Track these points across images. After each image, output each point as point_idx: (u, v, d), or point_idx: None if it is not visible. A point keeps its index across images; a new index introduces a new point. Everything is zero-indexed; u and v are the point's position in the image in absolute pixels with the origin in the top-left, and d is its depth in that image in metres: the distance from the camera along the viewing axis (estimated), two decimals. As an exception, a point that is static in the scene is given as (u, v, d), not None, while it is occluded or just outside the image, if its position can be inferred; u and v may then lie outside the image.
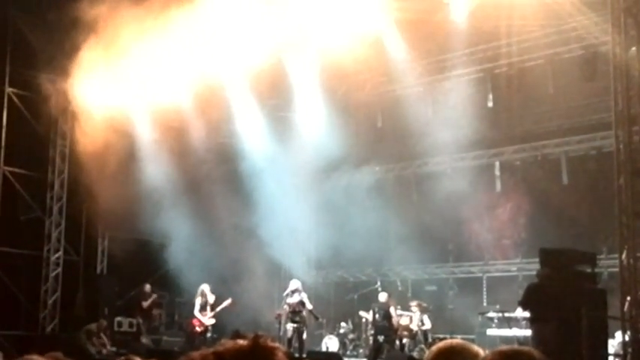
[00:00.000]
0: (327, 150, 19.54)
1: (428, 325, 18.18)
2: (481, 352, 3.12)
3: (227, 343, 2.03)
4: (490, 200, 19.69)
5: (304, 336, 17.59)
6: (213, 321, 17.83)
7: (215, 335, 17.60)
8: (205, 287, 18.14)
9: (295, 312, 17.32)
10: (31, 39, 18.46)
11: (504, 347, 2.74)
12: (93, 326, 18.33)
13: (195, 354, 3.07)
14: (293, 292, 17.48)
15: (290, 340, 17.23)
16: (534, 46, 17.41)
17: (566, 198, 18.03)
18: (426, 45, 17.42)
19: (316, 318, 18.74)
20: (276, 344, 2.02)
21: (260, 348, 1.97)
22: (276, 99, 20.68)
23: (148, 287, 19.67)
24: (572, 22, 16.49)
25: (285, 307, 17.51)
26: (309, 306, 17.58)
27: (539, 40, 17.26)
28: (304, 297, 17.47)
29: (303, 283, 17.91)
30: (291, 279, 18.25)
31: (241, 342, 2.00)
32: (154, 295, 19.76)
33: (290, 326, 17.29)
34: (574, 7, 15.77)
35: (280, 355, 2.00)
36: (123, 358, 5.90)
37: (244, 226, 19.55)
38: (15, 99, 19.11)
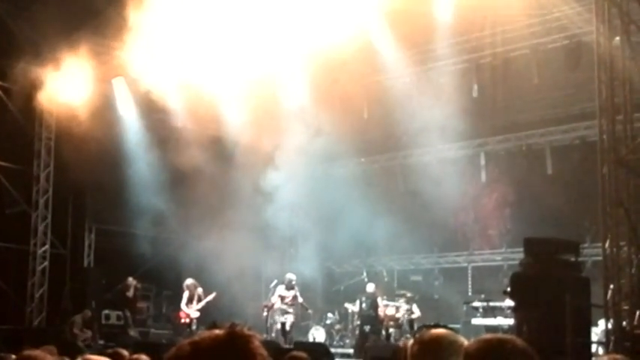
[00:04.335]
0: (313, 141, 19.56)
1: (417, 314, 18.29)
2: (466, 343, 3.16)
3: (203, 333, 2.05)
4: (475, 190, 19.79)
5: (293, 328, 17.88)
6: (197, 314, 17.90)
7: (202, 327, 17.65)
8: (191, 281, 18.21)
9: (288, 304, 17.58)
10: (15, 29, 18.31)
11: (488, 336, 2.77)
12: (77, 317, 18.35)
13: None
14: (288, 285, 17.72)
15: (283, 332, 17.49)
16: (518, 36, 17.44)
17: (550, 188, 18.14)
18: (411, 36, 17.39)
19: (306, 309, 18.99)
20: (252, 332, 2.04)
21: (236, 336, 1.99)
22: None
23: (130, 279, 19.69)
24: (556, 12, 16.51)
25: (277, 299, 17.73)
26: (300, 299, 17.85)
27: (523, 30, 17.28)
28: (297, 291, 17.76)
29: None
30: (275, 271, 18.41)
31: (217, 331, 2.02)
32: (135, 282, 19.72)
33: (282, 318, 17.56)
34: (558, -4, 15.83)
35: (256, 342, 2.01)
36: (111, 351, 5.94)
37: (230, 219, 19.54)
38: (-1, 91, 19.02)
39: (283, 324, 17.80)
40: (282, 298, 17.81)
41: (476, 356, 2.62)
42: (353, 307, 19.04)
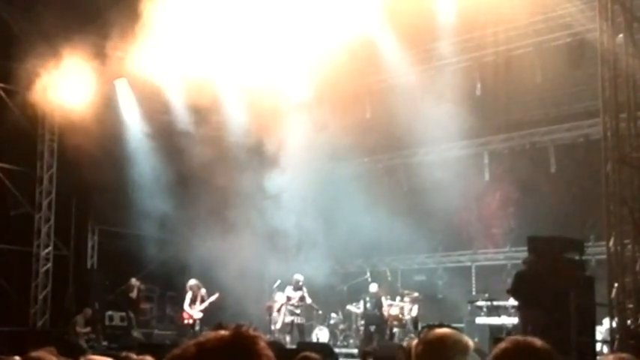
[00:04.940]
0: (316, 141, 19.54)
1: (414, 313, 18.33)
2: (470, 342, 3.15)
3: (209, 334, 2.03)
4: (479, 189, 19.76)
5: (304, 329, 17.96)
6: (200, 315, 17.89)
7: (205, 328, 17.64)
8: (194, 281, 18.20)
9: (295, 305, 17.63)
10: (17, 31, 18.33)
11: (520, 337, 2.81)
12: (79, 317, 18.40)
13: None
14: (296, 286, 17.77)
15: (289, 331, 17.54)
16: (521, 34, 17.42)
17: (554, 186, 18.13)
18: (414, 35, 17.38)
19: (316, 310, 19.14)
20: (258, 333, 2.02)
21: (241, 337, 1.97)
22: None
23: (133, 280, 19.67)
24: (559, 10, 16.49)
25: (284, 299, 17.80)
26: (308, 300, 17.90)
27: (526, 29, 17.27)
28: (305, 291, 17.79)
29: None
30: (279, 272, 18.43)
31: (223, 332, 2.00)
32: (138, 283, 19.69)
33: (289, 319, 17.60)
34: (560, -6, 15.81)
35: (262, 343, 1.99)
36: (124, 354, 5.94)
37: (234, 220, 19.55)
38: (1, 93, 19.01)
39: (287, 324, 17.81)
40: (289, 298, 17.86)
41: (503, 357, 2.64)
42: (356, 309, 19.06)
